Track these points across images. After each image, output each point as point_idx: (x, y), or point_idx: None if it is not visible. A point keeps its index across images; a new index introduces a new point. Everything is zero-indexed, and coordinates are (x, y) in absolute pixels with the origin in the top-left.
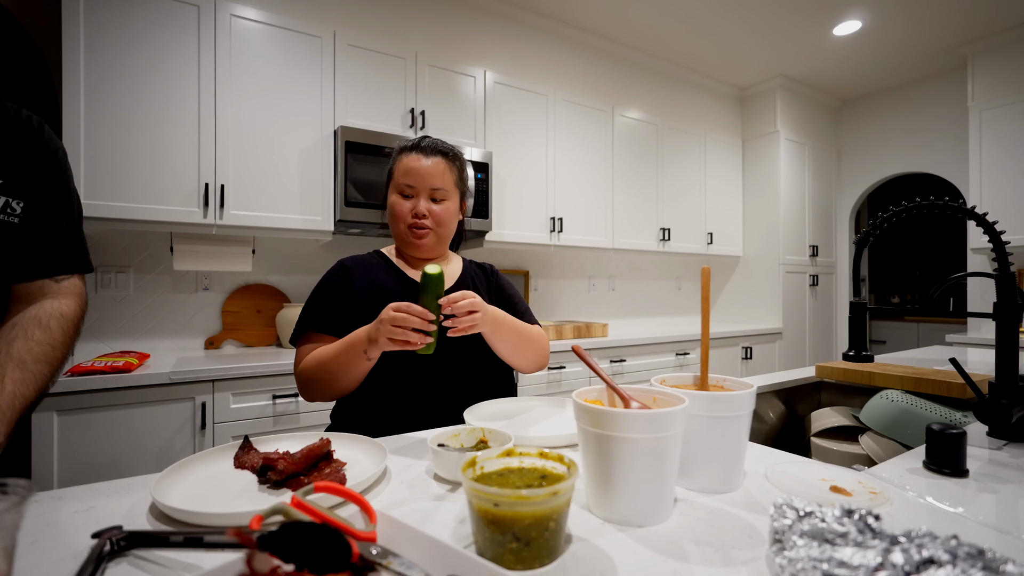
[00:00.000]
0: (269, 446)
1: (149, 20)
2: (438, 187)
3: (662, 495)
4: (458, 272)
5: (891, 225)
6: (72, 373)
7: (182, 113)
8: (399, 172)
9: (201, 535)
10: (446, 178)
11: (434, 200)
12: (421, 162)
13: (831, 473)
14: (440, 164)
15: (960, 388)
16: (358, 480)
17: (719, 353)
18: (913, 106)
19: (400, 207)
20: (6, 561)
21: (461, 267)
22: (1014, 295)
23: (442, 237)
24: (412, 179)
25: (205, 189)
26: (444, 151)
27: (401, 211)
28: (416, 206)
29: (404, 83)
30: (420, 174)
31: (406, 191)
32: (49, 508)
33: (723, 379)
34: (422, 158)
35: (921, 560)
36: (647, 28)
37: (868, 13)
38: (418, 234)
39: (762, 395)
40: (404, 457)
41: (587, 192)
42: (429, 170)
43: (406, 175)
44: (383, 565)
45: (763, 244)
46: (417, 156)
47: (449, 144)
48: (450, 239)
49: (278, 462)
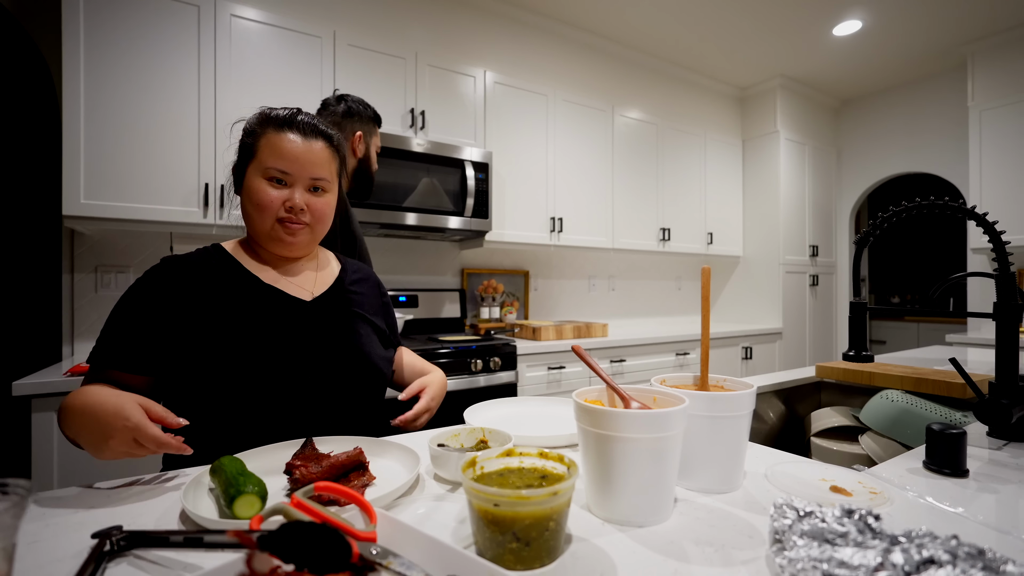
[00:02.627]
0: (328, 447)
1: (149, 20)
2: (321, 176)
3: (662, 495)
4: (331, 279)
5: (891, 225)
6: (72, 373)
7: (182, 113)
8: (267, 152)
9: (201, 535)
10: (331, 167)
11: (314, 191)
12: (299, 145)
13: (831, 473)
14: (324, 150)
15: (960, 388)
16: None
17: (719, 353)
18: (913, 106)
19: (267, 196)
20: (6, 561)
21: (337, 273)
22: (1014, 295)
23: (318, 235)
24: (287, 164)
25: (205, 189)
26: (327, 134)
27: (269, 201)
28: (291, 197)
29: (404, 83)
30: (299, 159)
31: (278, 176)
32: (49, 508)
33: (723, 379)
34: (300, 139)
35: (921, 560)
36: (647, 28)
37: (868, 13)
38: (291, 230)
39: (762, 395)
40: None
41: (587, 192)
42: (311, 156)
43: (279, 158)
44: (383, 565)
45: (763, 244)
46: (295, 136)
47: (326, 124)
48: (324, 236)
49: (297, 470)
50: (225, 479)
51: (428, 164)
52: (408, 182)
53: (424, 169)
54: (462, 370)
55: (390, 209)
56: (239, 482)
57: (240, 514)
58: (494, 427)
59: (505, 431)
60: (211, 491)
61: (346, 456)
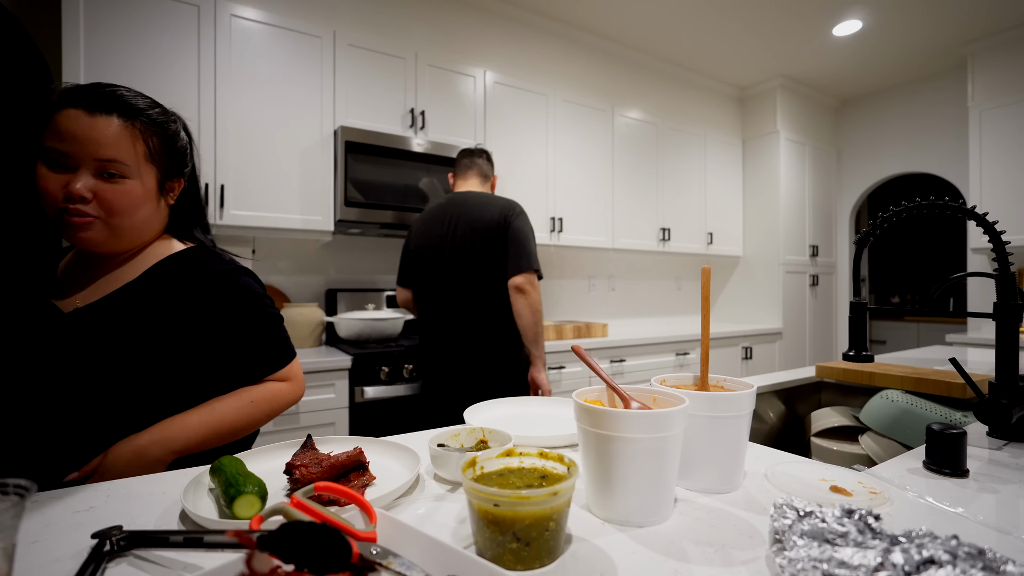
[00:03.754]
0: (328, 447)
1: (149, 20)
2: (110, 158)
3: (662, 495)
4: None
5: (891, 225)
6: None
7: (182, 113)
8: (48, 130)
9: (201, 535)
10: (129, 147)
11: (106, 176)
12: (81, 120)
13: (831, 473)
14: (117, 127)
15: (960, 388)
16: (381, 493)
17: (719, 353)
18: (913, 106)
19: (42, 181)
20: (6, 561)
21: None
22: (1014, 295)
23: (119, 231)
24: (65, 143)
25: (205, 189)
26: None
27: (44, 186)
28: (70, 183)
29: (404, 83)
30: (78, 138)
31: (56, 158)
32: (49, 508)
33: (723, 379)
34: (84, 115)
35: (921, 560)
36: (647, 28)
37: (868, 13)
38: (75, 223)
39: (762, 395)
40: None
41: (587, 192)
42: (93, 133)
43: (54, 135)
44: (383, 565)
45: (763, 244)
46: (78, 112)
47: (143, 97)
48: (144, 233)
49: (297, 470)
50: (225, 479)
51: (428, 164)
52: (408, 182)
53: (424, 169)
54: None
55: (390, 209)
56: (239, 482)
57: (240, 514)
58: (494, 427)
59: (505, 431)
60: (211, 491)
61: (346, 456)
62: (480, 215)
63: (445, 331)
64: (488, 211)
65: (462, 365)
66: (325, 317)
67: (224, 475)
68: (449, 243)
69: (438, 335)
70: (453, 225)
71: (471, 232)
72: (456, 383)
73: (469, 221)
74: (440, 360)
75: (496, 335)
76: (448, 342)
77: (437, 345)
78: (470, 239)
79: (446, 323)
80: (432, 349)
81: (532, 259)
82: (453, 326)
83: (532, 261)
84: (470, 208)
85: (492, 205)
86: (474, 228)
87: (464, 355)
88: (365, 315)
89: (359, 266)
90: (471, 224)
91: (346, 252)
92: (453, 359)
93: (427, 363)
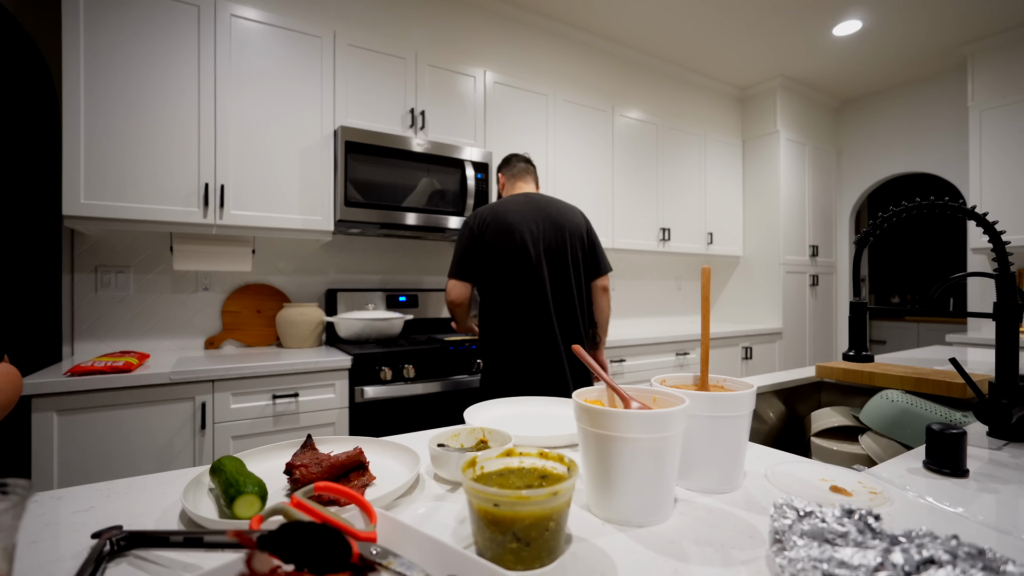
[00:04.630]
0: (328, 447)
1: (149, 20)
2: None
3: (662, 495)
4: None
5: (891, 225)
6: (72, 373)
7: (182, 113)
8: None
9: (201, 535)
10: None
11: None
12: None
13: (831, 473)
14: None
15: (960, 388)
16: (381, 493)
17: (719, 353)
18: (913, 106)
19: None
20: (6, 561)
21: None
22: (1014, 295)
23: None
24: None
25: (205, 189)
26: None
27: None
28: None
29: (404, 83)
30: None
31: None
32: (49, 508)
33: (723, 379)
34: None
35: (921, 560)
36: (647, 28)
37: (868, 13)
38: None
39: (762, 395)
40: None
41: (587, 192)
42: None
43: None
44: (383, 565)
45: (763, 244)
46: None
47: None
48: None
49: (297, 470)
50: (225, 479)
51: (428, 164)
52: (408, 182)
53: (424, 169)
54: (462, 370)
55: (390, 209)
56: (239, 482)
57: (240, 514)
58: (494, 427)
59: (505, 431)
60: (211, 491)
61: (346, 456)
62: (570, 219)
63: (554, 328)
64: (574, 216)
65: (551, 356)
66: (325, 317)
67: (224, 475)
68: (550, 242)
69: (529, 328)
70: (547, 225)
71: (567, 234)
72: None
73: (562, 223)
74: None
75: (583, 328)
76: (541, 335)
77: (525, 337)
78: (568, 241)
79: (556, 321)
80: (517, 341)
81: (608, 261)
82: (565, 323)
83: (609, 264)
84: (559, 210)
85: (574, 211)
86: (569, 231)
87: (554, 346)
88: (365, 315)
89: (359, 266)
90: (565, 227)
91: (346, 252)
92: (543, 351)
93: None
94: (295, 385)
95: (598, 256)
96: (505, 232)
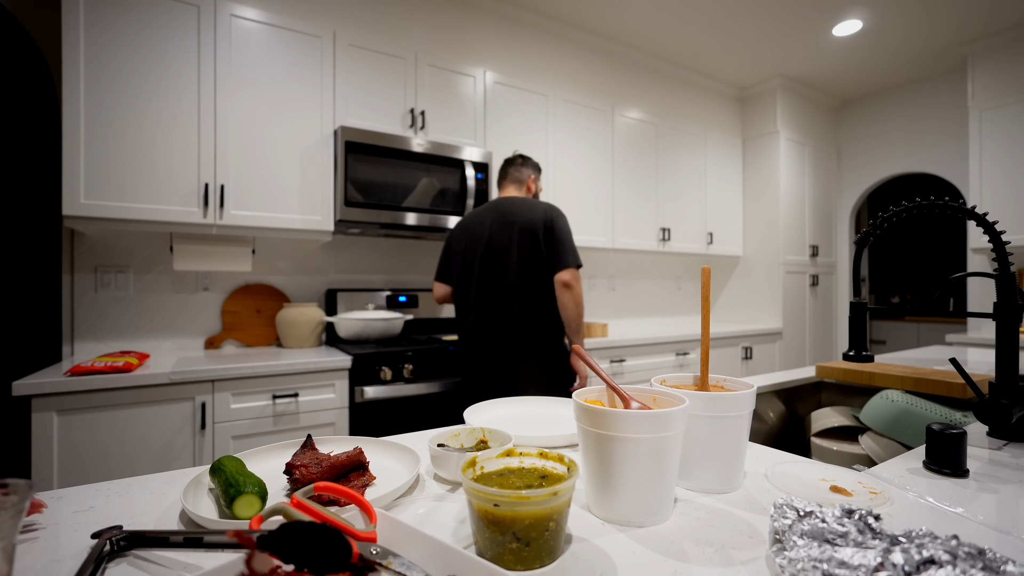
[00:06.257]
0: (328, 447)
1: (149, 20)
2: None
3: (662, 495)
4: None
5: (891, 225)
6: (72, 373)
7: (182, 113)
8: None
9: (201, 535)
10: None
11: None
12: None
13: (831, 473)
14: None
15: (960, 388)
16: (381, 493)
17: (719, 353)
18: (913, 106)
19: None
20: (6, 561)
21: None
22: (1014, 295)
23: None
24: None
25: (205, 189)
26: None
27: None
28: None
29: (404, 83)
30: None
31: None
32: (49, 508)
33: (723, 379)
34: None
35: (921, 560)
36: (647, 28)
37: (868, 13)
38: None
39: (762, 395)
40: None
41: (587, 192)
42: None
43: None
44: (383, 565)
45: (763, 244)
46: None
47: None
48: None
49: (297, 470)
50: (225, 479)
51: (428, 164)
52: (408, 182)
53: (424, 169)
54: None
55: (390, 209)
56: (239, 482)
57: (240, 514)
58: (494, 427)
59: (505, 431)
60: (211, 491)
61: (346, 456)
62: (523, 216)
63: (489, 325)
64: (531, 213)
65: (507, 357)
66: (325, 317)
67: (224, 475)
68: (493, 241)
69: (482, 329)
70: (496, 225)
71: (515, 231)
72: (499, 375)
73: (512, 221)
74: (484, 353)
75: (539, 328)
76: (493, 335)
77: (481, 339)
78: (514, 238)
79: (490, 317)
80: (475, 343)
81: (575, 255)
82: (497, 320)
83: (576, 257)
84: (514, 209)
85: (535, 208)
86: (519, 228)
87: (508, 348)
88: (365, 315)
89: (359, 266)
90: (515, 224)
91: (346, 252)
92: (498, 352)
93: (469, 357)
94: (295, 385)
95: (557, 250)
96: (461, 235)
